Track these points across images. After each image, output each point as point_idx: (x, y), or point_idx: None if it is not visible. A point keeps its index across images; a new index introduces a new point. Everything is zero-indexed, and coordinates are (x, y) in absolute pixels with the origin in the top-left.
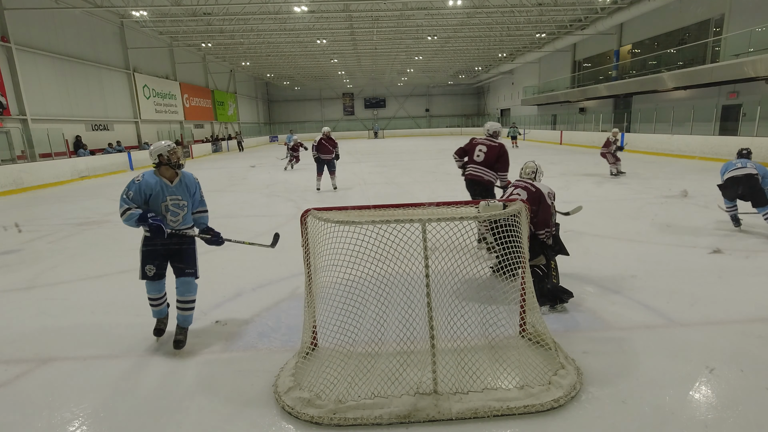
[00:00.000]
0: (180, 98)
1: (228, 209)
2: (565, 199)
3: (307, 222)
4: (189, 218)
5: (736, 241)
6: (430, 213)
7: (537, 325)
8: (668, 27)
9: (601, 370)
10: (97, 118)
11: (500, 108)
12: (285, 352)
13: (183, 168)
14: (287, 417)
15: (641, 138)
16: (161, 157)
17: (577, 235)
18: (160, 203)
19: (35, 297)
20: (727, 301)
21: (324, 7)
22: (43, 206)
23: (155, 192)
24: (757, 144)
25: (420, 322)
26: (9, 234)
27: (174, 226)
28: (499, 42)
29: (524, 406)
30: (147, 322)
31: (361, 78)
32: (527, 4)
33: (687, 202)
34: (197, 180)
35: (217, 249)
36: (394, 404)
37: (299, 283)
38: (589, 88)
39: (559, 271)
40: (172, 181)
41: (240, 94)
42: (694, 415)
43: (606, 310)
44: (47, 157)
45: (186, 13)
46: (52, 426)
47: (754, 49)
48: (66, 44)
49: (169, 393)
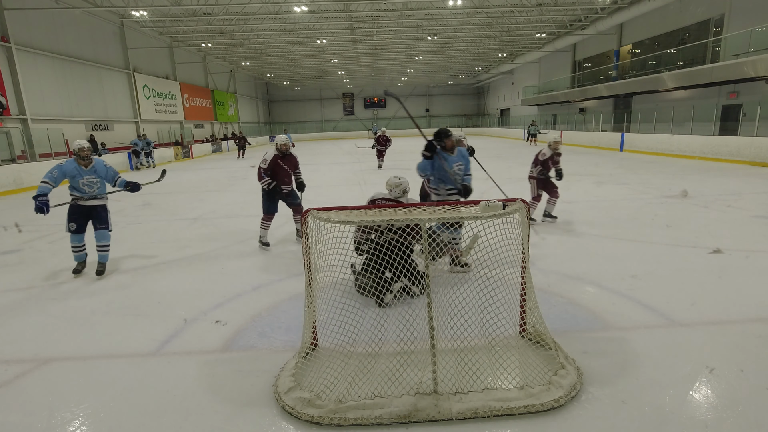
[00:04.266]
0: (180, 98)
1: (228, 209)
2: (565, 199)
3: (308, 222)
4: (102, 190)
5: (736, 241)
6: (430, 213)
7: (537, 325)
8: (668, 27)
9: (601, 370)
10: (97, 118)
11: (500, 108)
12: (285, 352)
13: (92, 159)
14: (287, 417)
15: (641, 138)
16: (74, 153)
17: (577, 235)
18: (78, 181)
19: (35, 297)
20: (727, 301)
21: (324, 7)
22: None
23: (74, 173)
24: (757, 144)
25: (420, 322)
26: (9, 234)
27: (91, 193)
28: (499, 42)
29: (524, 406)
30: (147, 322)
31: (361, 78)
32: (527, 4)
33: (687, 202)
34: (106, 164)
35: (217, 248)
36: (394, 404)
37: (299, 283)
38: (589, 88)
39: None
40: (86, 167)
41: (240, 94)
42: (694, 415)
43: (606, 310)
44: (47, 157)
45: (186, 13)
46: (52, 426)
47: (754, 49)
48: (66, 44)
49: (169, 393)
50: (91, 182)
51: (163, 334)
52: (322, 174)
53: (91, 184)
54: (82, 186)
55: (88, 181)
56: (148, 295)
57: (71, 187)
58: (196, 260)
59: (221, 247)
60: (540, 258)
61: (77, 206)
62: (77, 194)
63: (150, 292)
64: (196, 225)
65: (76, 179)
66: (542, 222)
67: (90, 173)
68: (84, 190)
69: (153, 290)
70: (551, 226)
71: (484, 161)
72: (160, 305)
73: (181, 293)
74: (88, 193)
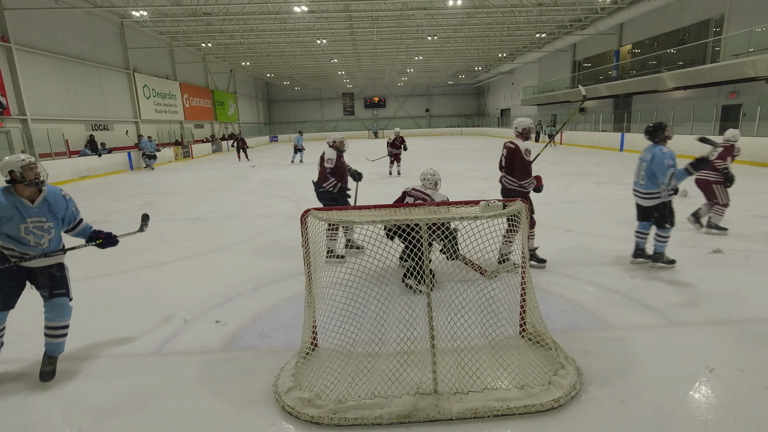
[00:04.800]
0: (180, 98)
1: (228, 209)
2: (565, 199)
3: (308, 222)
4: (57, 241)
5: (736, 241)
6: (430, 213)
7: (537, 325)
8: (668, 27)
9: (601, 370)
10: (97, 118)
11: (500, 108)
12: (285, 352)
13: (45, 185)
14: (287, 417)
15: (641, 138)
16: (12, 174)
17: (577, 235)
18: (19, 225)
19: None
20: (727, 301)
21: (324, 7)
22: None
23: (10, 213)
24: (757, 144)
25: (420, 322)
26: None
27: (39, 248)
28: (499, 42)
29: (524, 406)
30: (147, 322)
31: (361, 78)
32: (527, 4)
33: (687, 202)
34: (66, 195)
35: (217, 248)
36: (394, 404)
37: (299, 283)
38: (589, 88)
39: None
40: (32, 200)
41: (240, 94)
42: (694, 415)
43: (606, 310)
44: (47, 157)
45: (186, 13)
46: (52, 426)
47: (754, 49)
48: (66, 44)
49: (169, 393)
50: (41, 227)
51: (163, 334)
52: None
53: (42, 230)
54: (23, 235)
55: (36, 225)
56: (148, 295)
57: (3, 237)
58: (196, 260)
59: (221, 248)
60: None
61: (10, 270)
62: (14, 250)
63: (150, 292)
64: (197, 225)
65: (14, 223)
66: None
67: (39, 212)
68: (27, 242)
69: (153, 290)
70: (550, 227)
71: (484, 161)
72: (160, 305)
73: (181, 293)
74: (34, 248)
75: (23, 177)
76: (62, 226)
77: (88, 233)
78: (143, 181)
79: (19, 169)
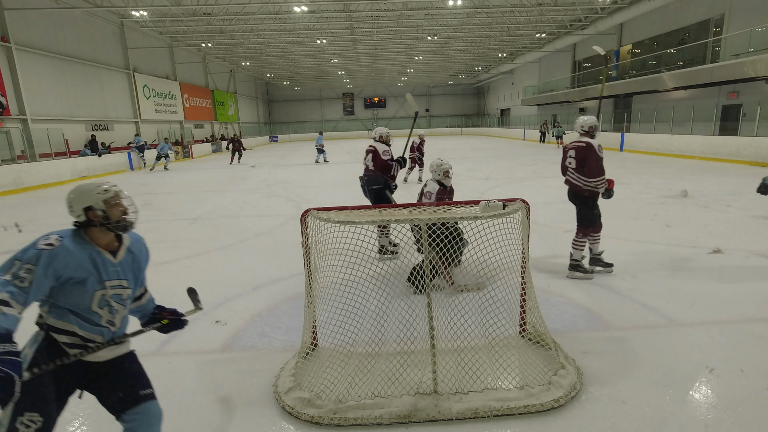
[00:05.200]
0: (180, 98)
1: (228, 209)
2: (565, 199)
3: (307, 222)
4: (127, 319)
5: (736, 241)
6: (430, 213)
7: (537, 325)
8: (668, 27)
9: (601, 370)
10: (97, 118)
11: (500, 108)
12: (285, 352)
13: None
14: (287, 417)
15: (641, 138)
16: (91, 213)
17: None
18: (93, 293)
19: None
20: (727, 301)
21: (324, 7)
22: (43, 206)
23: (84, 274)
24: (756, 144)
25: (420, 322)
26: (9, 234)
27: (109, 334)
28: (499, 42)
29: (524, 406)
30: None
31: (361, 78)
32: (527, 4)
33: (687, 202)
34: (145, 245)
35: (217, 248)
36: (394, 404)
37: (299, 283)
38: (589, 88)
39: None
40: (114, 252)
41: (240, 94)
42: (694, 415)
43: (606, 310)
44: (47, 157)
45: (186, 13)
46: None
47: (754, 49)
48: (66, 44)
49: (169, 393)
50: (119, 296)
51: (163, 334)
52: (323, 174)
53: (119, 300)
54: (96, 309)
55: (116, 293)
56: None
57: (59, 314)
58: (196, 260)
59: (221, 248)
60: (540, 258)
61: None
62: (76, 335)
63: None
64: (196, 225)
65: (86, 289)
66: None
67: (123, 272)
68: (98, 321)
69: (152, 290)
70: (550, 227)
71: (484, 161)
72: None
73: (181, 293)
74: (105, 329)
75: (107, 217)
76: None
77: (151, 310)
78: (143, 181)
79: (101, 204)
